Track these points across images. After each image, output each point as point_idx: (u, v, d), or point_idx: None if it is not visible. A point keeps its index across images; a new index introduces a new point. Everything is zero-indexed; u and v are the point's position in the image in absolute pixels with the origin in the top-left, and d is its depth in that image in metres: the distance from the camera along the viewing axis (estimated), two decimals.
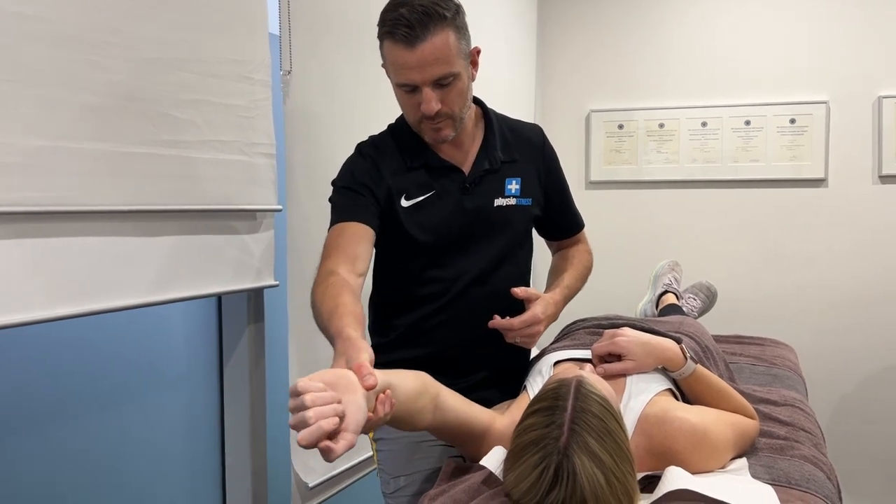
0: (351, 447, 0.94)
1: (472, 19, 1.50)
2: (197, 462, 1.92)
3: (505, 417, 1.37)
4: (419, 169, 1.52)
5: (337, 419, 0.92)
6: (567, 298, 1.61)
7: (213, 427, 1.93)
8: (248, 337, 1.80)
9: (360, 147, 1.57)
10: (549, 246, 1.82)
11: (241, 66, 1.63)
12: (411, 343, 1.55)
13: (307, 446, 0.90)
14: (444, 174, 1.52)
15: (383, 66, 1.47)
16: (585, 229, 1.79)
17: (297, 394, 0.92)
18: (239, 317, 1.81)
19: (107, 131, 1.32)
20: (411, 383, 1.21)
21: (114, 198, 1.34)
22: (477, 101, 1.60)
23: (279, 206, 1.75)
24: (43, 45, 1.20)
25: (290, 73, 1.76)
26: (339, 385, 0.97)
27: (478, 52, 1.49)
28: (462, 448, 1.40)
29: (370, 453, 1.77)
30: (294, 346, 1.82)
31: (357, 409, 0.96)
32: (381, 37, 1.42)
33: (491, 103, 1.63)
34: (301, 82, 1.80)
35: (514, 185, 1.56)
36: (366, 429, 1.02)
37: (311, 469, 1.86)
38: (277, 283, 1.78)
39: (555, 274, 1.69)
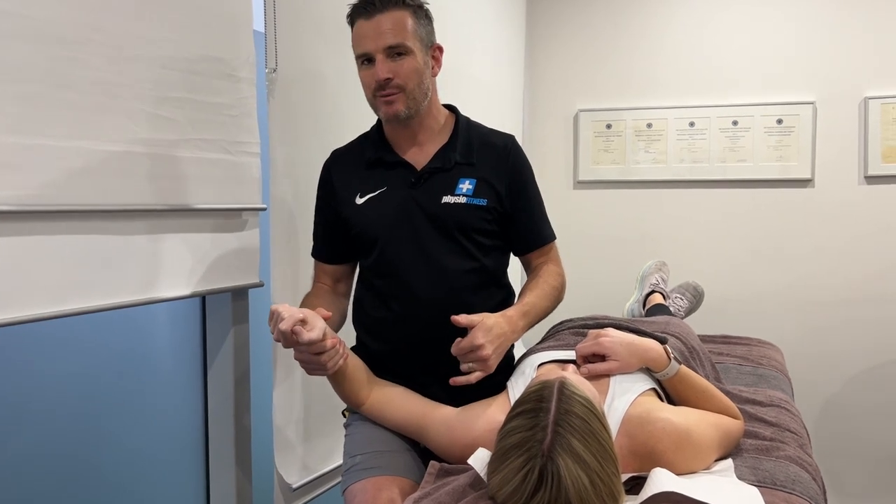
0: (316, 339, 1.30)
1: (461, 20, 1.51)
2: (181, 463, 1.91)
3: (460, 409, 1.45)
4: (377, 167, 1.59)
5: (303, 314, 1.31)
6: (527, 315, 1.53)
7: (197, 427, 1.92)
8: (233, 337, 1.79)
9: (328, 158, 1.67)
10: (523, 266, 1.75)
11: (226, 63, 1.61)
12: (376, 337, 1.60)
13: (284, 330, 1.28)
14: (397, 171, 1.58)
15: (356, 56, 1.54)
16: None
17: (272, 313, 1.32)
18: (223, 317, 1.80)
19: (87, 129, 1.30)
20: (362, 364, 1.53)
21: (95, 197, 1.32)
22: (452, 109, 1.66)
23: (264, 206, 1.74)
24: (23, 42, 1.18)
25: (275, 70, 1.74)
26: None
27: (440, 49, 1.57)
28: (406, 431, 1.51)
29: None
30: (278, 345, 1.81)
31: (316, 317, 1.34)
32: (349, 19, 1.52)
33: (479, 102, 1.63)
34: (286, 80, 1.78)
35: (466, 185, 1.56)
36: (326, 358, 1.36)
37: (294, 470, 1.85)
38: (262, 282, 1.77)
39: (520, 294, 1.62)
